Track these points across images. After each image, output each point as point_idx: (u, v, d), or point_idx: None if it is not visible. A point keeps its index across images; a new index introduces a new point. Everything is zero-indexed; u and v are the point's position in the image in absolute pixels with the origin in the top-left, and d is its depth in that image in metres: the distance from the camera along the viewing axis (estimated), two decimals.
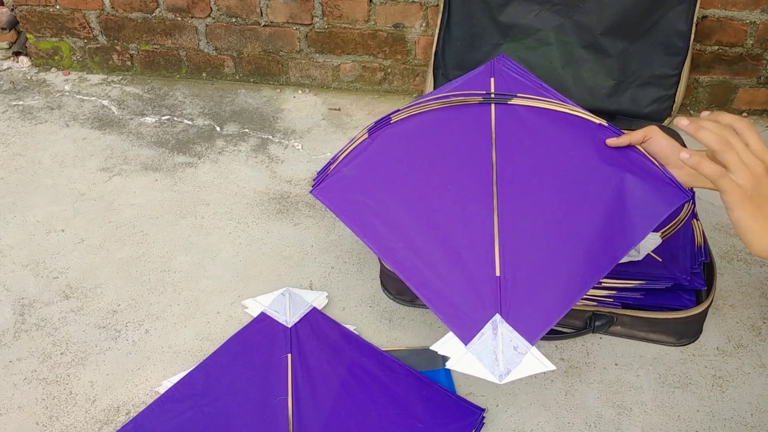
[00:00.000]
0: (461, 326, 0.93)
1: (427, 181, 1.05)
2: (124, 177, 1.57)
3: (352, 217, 1.04)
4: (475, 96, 1.10)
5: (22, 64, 1.95)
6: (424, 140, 1.09)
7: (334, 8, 1.71)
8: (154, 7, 1.79)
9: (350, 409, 1.07)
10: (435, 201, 1.03)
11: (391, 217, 1.03)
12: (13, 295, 1.30)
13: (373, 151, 1.09)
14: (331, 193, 1.07)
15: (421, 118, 1.11)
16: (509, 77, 1.13)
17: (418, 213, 1.02)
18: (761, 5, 1.56)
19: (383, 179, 1.06)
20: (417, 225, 1.01)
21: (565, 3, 1.53)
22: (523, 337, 0.91)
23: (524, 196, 1.02)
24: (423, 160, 1.07)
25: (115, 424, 1.09)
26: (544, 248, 0.97)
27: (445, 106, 1.11)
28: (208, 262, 1.36)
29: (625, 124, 1.55)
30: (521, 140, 1.07)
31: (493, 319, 0.92)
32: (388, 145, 1.09)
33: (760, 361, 1.17)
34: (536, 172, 1.04)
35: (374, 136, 1.10)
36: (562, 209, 1.00)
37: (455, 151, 1.07)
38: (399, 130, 1.10)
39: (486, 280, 0.95)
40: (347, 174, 1.08)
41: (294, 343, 1.17)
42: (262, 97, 1.84)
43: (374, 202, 1.04)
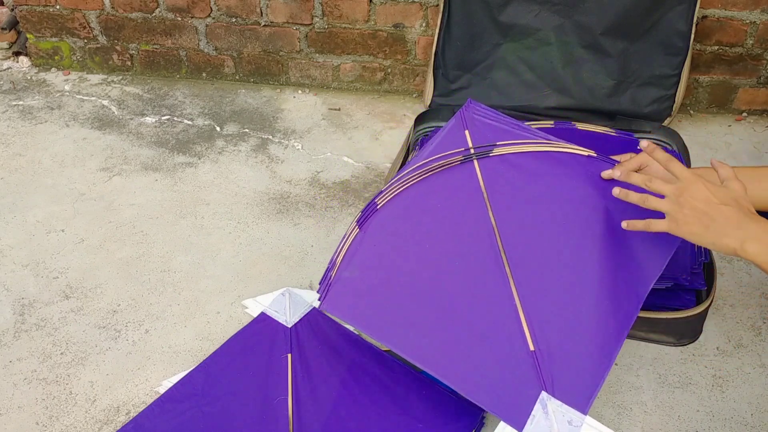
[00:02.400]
0: (511, 413, 0.89)
1: (432, 262, 1.01)
2: (124, 177, 1.57)
3: (372, 326, 1.00)
4: (454, 156, 1.06)
5: (22, 64, 1.95)
6: (417, 219, 1.05)
7: (334, 8, 1.71)
8: (154, 7, 1.79)
9: (350, 409, 1.07)
10: (447, 284, 0.99)
11: (409, 316, 0.99)
12: (13, 295, 1.30)
13: (368, 246, 1.05)
14: (342, 304, 1.03)
15: (407, 194, 1.07)
16: (483, 125, 1.09)
17: (434, 302, 0.99)
18: (761, 5, 1.56)
19: (388, 274, 1.03)
20: (436, 317, 0.98)
21: (565, 3, 1.53)
22: (574, 409, 0.88)
23: (534, 257, 0.98)
24: (421, 239, 1.03)
25: (115, 424, 1.09)
26: (569, 310, 0.94)
27: (427, 176, 1.07)
28: (208, 262, 1.36)
29: (625, 124, 1.55)
30: (513, 193, 1.03)
31: (540, 397, 0.89)
32: (381, 234, 1.06)
33: (760, 361, 1.17)
34: (538, 226, 1.00)
35: (365, 227, 1.06)
36: (574, 262, 0.97)
37: (451, 221, 1.03)
38: (387, 214, 1.06)
39: (521, 357, 0.92)
40: (350, 277, 1.04)
41: (294, 343, 1.17)
42: (262, 97, 1.84)
43: (387, 302, 1.01)
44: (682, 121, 1.72)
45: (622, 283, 0.95)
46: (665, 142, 1.50)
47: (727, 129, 1.70)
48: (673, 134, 1.51)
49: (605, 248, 0.97)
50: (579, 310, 0.94)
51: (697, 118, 1.73)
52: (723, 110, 1.74)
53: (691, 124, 1.71)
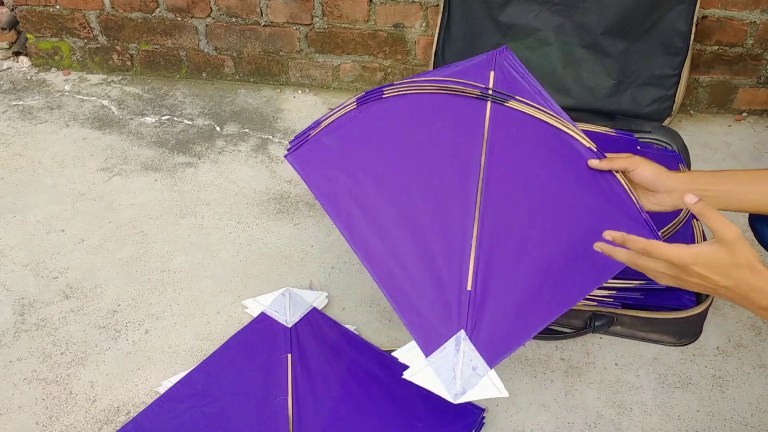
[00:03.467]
0: (425, 337, 0.90)
1: (412, 170, 1.00)
2: (124, 177, 1.57)
3: (328, 197, 0.98)
4: (473, 88, 1.05)
5: (22, 64, 1.95)
6: (415, 124, 1.03)
7: (334, 8, 1.71)
8: (154, 7, 1.79)
9: (350, 409, 1.07)
10: (417, 196, 0.98)
11: (369, 205, 0.97)
12: (13, 295, 1.30)
13: (359, 124, 1.03)
14: (308, 163, 1.00)
15: (414, 98, 1.05)
16: (509, 75, 1.08)
17: (399, 206, 0.97)
18: (761, 5, 1.56)
19: (366, 159, 1.00)
20: (395, 219, 0.96)
21: (565, 3, 1.53)
22: (483, 359, 0.89)
23: (506, 211, 0.98)
24: (411, 145, 1.02)
25: (115, 424, 1.09)
26: (518, 268, 0.94)
27: (440, 92, 1.05)
28: (208, 262, 1.36)
29: (625, 124, 1.55)
30: (512, 148, 1.02)
31: (458, 335, 0.90)
32: (377, 120, 1.03)
33: (760, 361, 1.17)
34: (522, 187, 1.00)
35: (363, 107, 1.03)
36: (541, 232, 0.97)
37: (445, 143, 1.02)
38: (390, 106, 1.04)
39: (456, 292, 0.92)
40: (328, 143, 1.01)
41: (294, 343, 1.17)
42: (262, 97, 1.84)
43: (353, 183, 0.98)
44: (682, 121, 1.72)
45: (574, 272, 0.95)
46: (665, 142, 1.50)
47: (727, 129, 1.70)
48: (673, 134, 1.51)
49: (572, 237, 0.97)
50: (526, 273, 0.94)
51: (697, 118, 1.73)
52: (723, 110, 1.74)
53: (691, 124, 1.71)
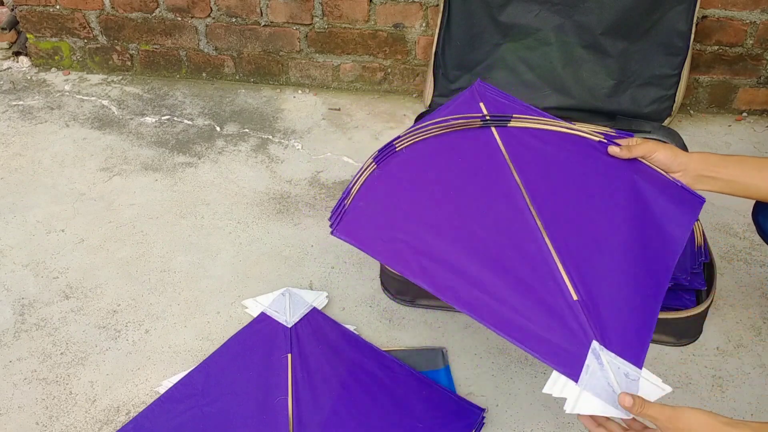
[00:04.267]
0: (564, 362, 0.84)
1: (457, 208, 0.96)
2: (124, 177, 1.57)
3: (396, 259, 0.92)
4: (473, 119, 1.05)
5: (22, 64, 1.95)
6: (438, 167, 1.01)
7: (334, 8, 1.71)
8: (154, 7, 1.79)
9: (350, 409, 1.07)
10: (476, 230, 0.94)
11: (435, 253, 0.91)
12: (13, 295, 1.30)
13: (387, 181, 0.99)
14: (358, 233, 0.95)
15: (426, 144, 1.03)
16: (495, 101, 1.08)
17: (465, 244, 0.92)
18: (761, 5, 1.56)
19: (409, 211, 0.96)
20: (469, 258, 0.91)
21: (565, 3, 1.53)
22: (629, 362, 0.84)
23: (564, 216, 0.96)
24: (444, 186, 0.99)
25: (115, 424, 1.09)
26: (605, 265, 0.91)
27: (447, 131, 1.04)
28: (208, 262, 1.36)
29: (625, 124, 1.55)
30: (535, 161, 1.01)
31: (592, 347, 0.84)
32: (402, 172, 1.01)
33: (760, 361, 1.17)
34: (564, 192, 0.98)
35: (382, 164, 1.01)
36: (603, 224, 0.95)
37: (474, 174, 1.00)
38: (408, 156, 1.02)
39: (566, 306, 0.87)
40: (367, 208, 0.96)
41: (294, 343, 1.17)
42: (262, 97, 1.84)
43: (411, 237, 0.93)
44: (682, 121, 1.72)
45: (652, 252, 0.93)
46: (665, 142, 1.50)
47: (727, 129, 1.70)
48: (673, 134, 1.51)
49: (630, 223, 0.95)
50: (614, 266, 0.91)
51: (697, 118, 1.73)
52: (723, 110, 1.74)
53: (691, 124, 1.71)
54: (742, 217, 1.45)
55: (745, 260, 1.35)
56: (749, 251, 1.37)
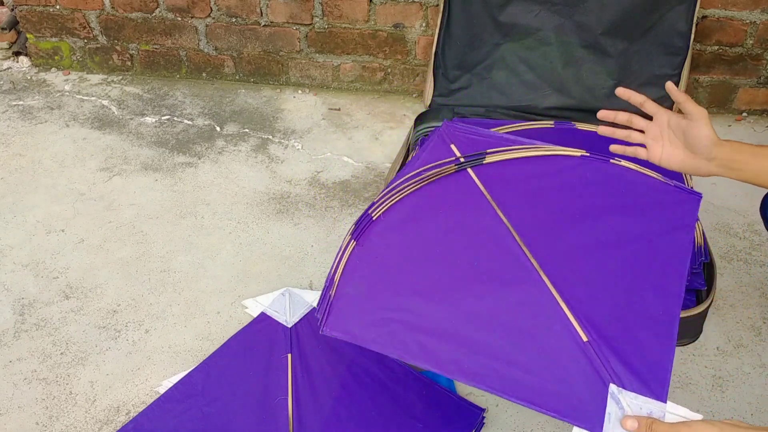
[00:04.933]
0: (583, 417, 0.79)
1: (445, 269, 0.92)
2: (124, 177, 1.57)
3: (391, 343, 0.86)
4: (446, 165, 1.00)
5: (22, 64, 1.95)
6: (418, 227, 0.96)
7: (334, 8, 1.71)
8: (154, 7, 1.79)
9: (350, 409, 1.07)
10: (468, 287, 0.89)
11: (430, 325, 0.86)
12: (13, 295, 1.30)
13: (369, 258, 0.94)
14: (347, 324, 0.89)
15: (403, 205, 0.99)
16: (465, 139, 1.04)
17: (458, 308, 0.87)
18: (761, 5, 1.56)
19: (397, 285, 0.91)
20: (464, 322, 0.86)
21: (565, 3, 1.52)
22: (653, 398, 0.79)
23: (559, 250, 0.92)
24: (427, 248, 0.94)
25: (115, 424, 1.09)
26: (611, 297, 0.87)
27: (421, 185, 1.00)
28: (208, 262, 1.36)
29: None
30: (519, 196, 0.98)
31: (611, 392, 0.79)
32: (382, 245, 0.95)
33: (760, 361, 1.17)
34: (553, 223, 0.95)
35: (361, 239, 0.96)
36: (600, 252, 0.91)
37: (459, 225, 0.96)
38: (386, 224, 0.97)
39: (577, 350, 0.82)
40: (352, 293, 0.91)
41: (294, 343, 1.17)
42: (262, 97, 1.84)
43: (401, 314, 0.88)
44: None
45: (657, 262, 0.90)
46: None
47: (727, 129, 1.70)
48: None
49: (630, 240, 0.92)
50: (621, 295, 0.87)
51: None
52: (723, 110, 1.74)
53: None
54: (742, 217, 1.45)
55: (745, 260, 1.35)
56: (749, 251, 1.37)
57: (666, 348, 0.83)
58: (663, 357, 0.83)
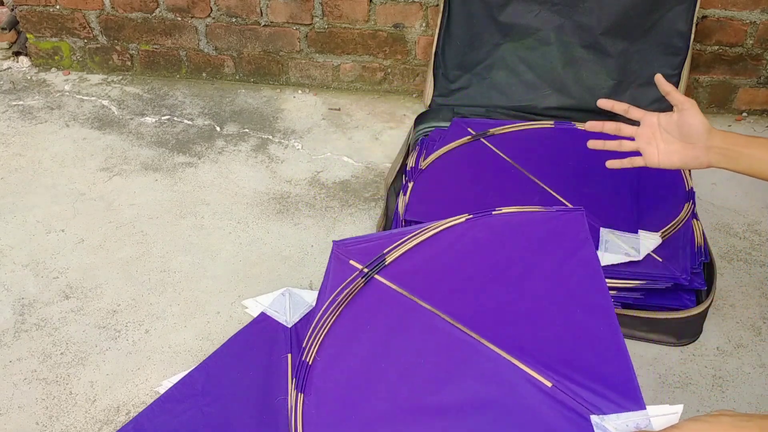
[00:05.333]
0: None
1: (396, 377, 0.92)
2: (124, 177, 1.57)
3: None
4: (353, 282, 1.02)
5: (22, 64, 1.95)
6: (353, 351, 0.96)
7: (334, 8, 1.71)
8: (154, 7, 1.79)
9: None
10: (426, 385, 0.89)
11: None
12: (13, 295, 1.30)
13: (320, 403, 0.93)
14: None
15: (330, 338, 0.99)
16: (359, 251, 1.06)
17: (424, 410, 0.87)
18: (761, 5, 1.56)
19: (359, 414, 0.90)
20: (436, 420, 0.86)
21: (565, 3, 1.53)
22: (632, 411, 0.82)
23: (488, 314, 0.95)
24: (372, 365, 0.94)
25: (115, 424, 1.09)
26: (551, 336, 0.90)
27: (341, 311, 1.00)
28: (208, 262, 1.36)
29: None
30: (427, 280, 1.00)
31: (594, 423, 0.82)
32: (327, 385, 0.94)
33: (760, 361, 1.17)
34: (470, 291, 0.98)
35: (306, 389, 0.94)
36: (522, 298, 0.95)
37: (391, 332, 0.96)
38: (323, 364, 0.96)
39: (546, 400, 0.85)
40: None
41: (294, 343, 1.17)
42: (262, 97, 1.84)
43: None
44: None
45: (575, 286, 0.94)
46: None
47: (727, 129, 1.70)
48: None
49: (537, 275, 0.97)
50: (559, 328, 0.91)
51: None
52: (723, 110, 1.74)
53: None
54: (742, 217, 1.45)
55: (745, 260, 1.35)
56: (749, 251, 1.37)
57: (620, 359, 0.87)
58: (622, 369, 0.86)
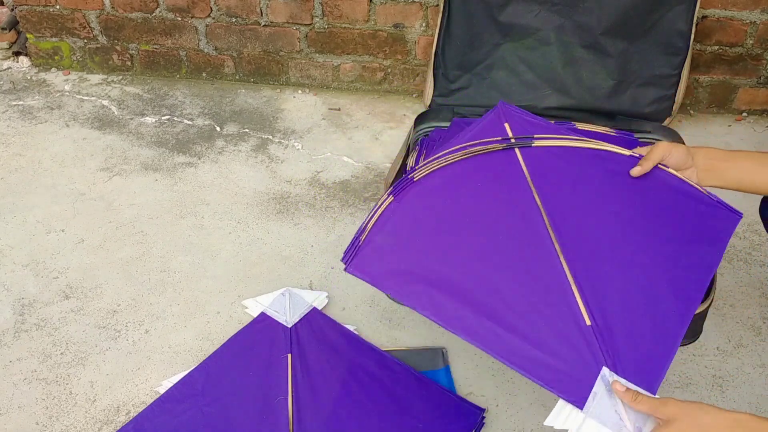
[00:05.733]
0: (569, 390, 0.82)
1: (475, 237, 0.96)
2: (124, 177, 1.57)
3: (406, 293, 0.92)
4: (495, 143, 1.04)
5: (22, 64, 1.95)
6: (457, 194, 1.01)
7: (334, 8, 1.71)
8: (154, 7, 1.79)
9: (350, 409, 1.07)
10: (493, 256, 0.94)
11: (446, 283, 0.92)
12: (13, 295, 1.30)
13: (403, 215, 0.99)
14: (370, 267, 0.95)
15: (445, 171, 1.03)
16: (521, 120, 1.07)
17: (478, 273, 0.92)
18: (761, 5, 1.56)
19: (424, 242, 0.96)
20: (480, 286, 0.91)
21: (565, 3, 1.52)
22: (642, 388, 0.81)
23: (584, 238, 0.95)
24: (461, 214, 0.99)
25: (115, 424, 1.09)
26: (625, 288, 0.90)
27: (467, 157, 1.04)
28: (208, 262, 1.36)
29: (625, 124, 1.55)
30: (559, 180, 1.00)
31: (602, 374, 0.83)
32: (419, 204, 1.00)
33: (760, 361, 1.17)
34: (586, 212, 0.97)
35: (399, 197, 1.01)
36: (626, 246, 0.94)
37: (493, 200, 1.00)
38: (425, 186, 1.02)
39: (578, 332, 0.86)
40: (381, 242, 0.97)
41: (294, 343, 1.17)
42: (262, 97, 1.84)
43: (422, 269, 0.93)
44: (682, 121, 1.72)
45: (681, 266, 0.92)
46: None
47: (727, 129, 1.70)
48: (673, 134, 1.51)
49: (657, 236, 0.95)
50: (637, 289, 0.90)
51: (697, 118, 1.73)
52: (723, 110, 1.74)
53: (691, 124, 1.71)
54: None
55: (745, 260, 1.35)
56: (749, 251, 1.37)
57: (669, 345, 0.86)
58: (663, 353, 0.85)
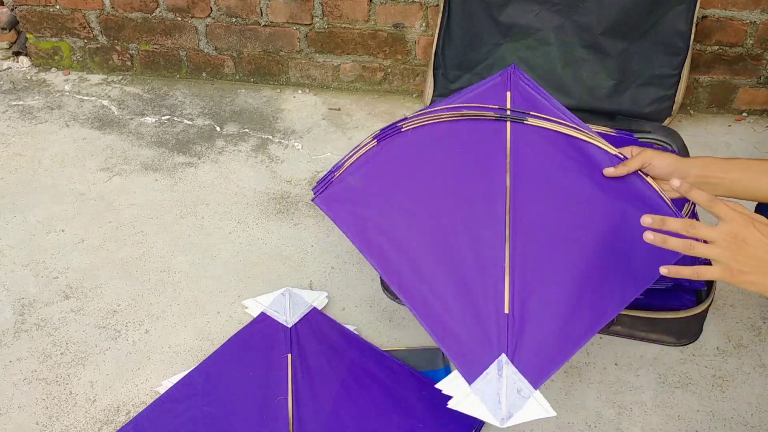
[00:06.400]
0: (466, 364, 0.90)
1: (438, 200, 1.00)
2: (124, 177, 1.57)
3: (358, 235, 0.99)
4: (489, 111, 1.05)
5: (22, 64, 1.95)
6: (436, 154, 1.04)
7: (334, 8, 1.71)
8: (154, 7, 1.79)
9: (350, 410, 1.07)
10: (446, 224, 0.98)
11: (398, 237, 0.98)
12: (13, 295, 1.30)
13: (381, 161, 1.04)
14: (335, 203, 1.02)
15: (433, 129, 1.06)
16: (525, 92, 1.07)
17: (428, 236, 0.98)
18: (761, 5, 1.56)
19: (392, 193, 1.01)
20: (426, 249, 0.97)
21: (565, 3, 1.53)
22: (527, 380, 0.88)
23: (537, 230, 0.97)
24: (434, 175, 1.02)
25: (115, 424, 1.09)
26: (554, 287, 0.94)
27: (457, 119, 1.05)
28: (208, 262, 1.36)
29: (625, 124, 1.55)
30: (536, 166, 1.02)
31: (499, 359, 0.89)
32: (398, 155, 1.04)
33: (760, 361, 1.17)
34: (550, 204, 0.99)
35: (383, 143, 1.05)
36: (575, 247, 0.96)
37: (468, 169, 1.02)
38: (409, 140, 1.05)
39: (494, 317, 0.91)
40: (353, 183, 1.03)
41: (294, 343, 1.17)
42: (262, 97, 1.84)
43: (381, 218, 1.00)
44: (682, 121, 1.72)
45: (612, 284, 0.95)
46: (665, 142, 1.50)
47: (727, 129, 1.70)
48: (673, 134, 1.51)
49: (608, 248, 0.96)
50: (564, 290, 0.94)
51: (697, 118, 1.73)
52: (723, 110, 1.74)
53: (691, 124, 1.71)
54: None
55: None
56: None
57: (567, 350, 0.91)
58: (557, 358, 0.90)
